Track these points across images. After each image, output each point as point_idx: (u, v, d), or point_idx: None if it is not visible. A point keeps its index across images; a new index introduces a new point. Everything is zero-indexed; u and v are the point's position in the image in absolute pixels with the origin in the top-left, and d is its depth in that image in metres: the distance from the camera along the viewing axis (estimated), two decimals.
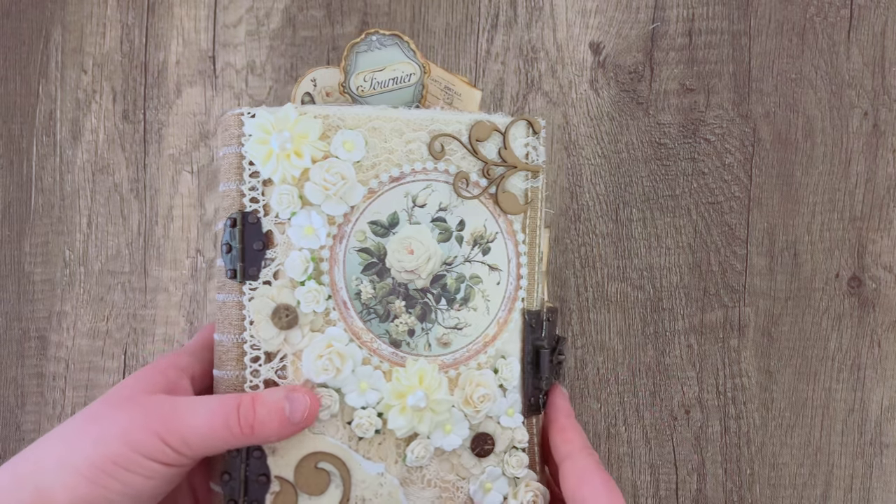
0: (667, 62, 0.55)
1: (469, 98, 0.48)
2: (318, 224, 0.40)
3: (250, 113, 0.40)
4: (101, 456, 0.36)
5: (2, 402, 0.56)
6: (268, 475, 0.39)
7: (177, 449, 0.37)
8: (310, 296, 0.40)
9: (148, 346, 0.55)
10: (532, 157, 0.42)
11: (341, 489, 0.40)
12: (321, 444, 0.40)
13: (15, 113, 0.56)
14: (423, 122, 0.41)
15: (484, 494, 0.41)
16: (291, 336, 0.40)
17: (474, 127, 0.41)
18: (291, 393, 0.38)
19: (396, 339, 0.41)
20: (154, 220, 0.56)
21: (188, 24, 0.56)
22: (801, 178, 0.55)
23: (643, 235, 0.55)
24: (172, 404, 0.38)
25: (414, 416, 0.40)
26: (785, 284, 0.55)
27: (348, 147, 0.40)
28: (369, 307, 0.41)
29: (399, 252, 0.41)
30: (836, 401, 0.55)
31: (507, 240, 0.42)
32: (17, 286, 0.56)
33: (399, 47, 0.43)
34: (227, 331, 0.40)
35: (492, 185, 0.42)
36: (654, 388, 0.54)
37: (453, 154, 0.41)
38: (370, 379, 0.40)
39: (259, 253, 0.40)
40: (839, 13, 0.55)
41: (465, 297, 0.41)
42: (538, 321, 0.42)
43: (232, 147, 0.40)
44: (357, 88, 0.43)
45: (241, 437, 0.38)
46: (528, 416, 0.42)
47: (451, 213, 0.41)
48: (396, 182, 0.41)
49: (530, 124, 0.42)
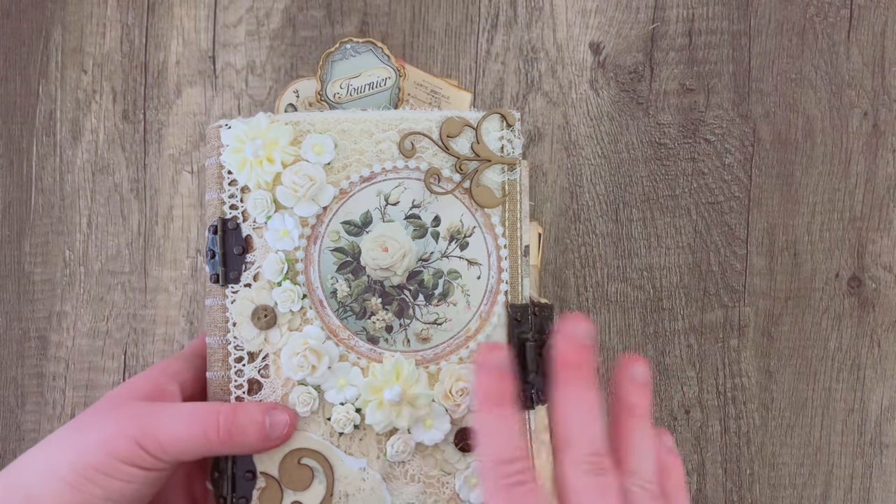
0: (667, 62, 0.55)
1: (458, 100, 0.48)
2: (291, 226, 0.41)
3: (227, 124, 0.42)
4: (83, 463, 0.37)
5: (2, 402, 0.56)
6: (254, 472, 0.41)
7: (153, 454, 0.38)
8: (285, 296, 0.41)
9: (148, 346, 0.55)
10: (507, 150, 0.42)
11: (325, 484, 0.41)
12: (304, 441, 0.41)
13: (15, 113, 0.56)
14: (392, 122, 0.42)
15: (470, 490, 0.42)
16: (271, 335, 0.41)
17: (445, 123, 0.42)
18: (273, 409, 0.40)
19: (374, 336, 0.42)
20: (154, 220, 0.56)
21: (188, 24, 0.56)
22: (800, 178, 0.55)
23: (643, 235, 0.55)
24: (151, 410, 0.39)
25: (391, 410, 0.40)
26: (785, 284, 0.55)
27: (317, 150, 0.41)
28: (345, 305, 0.42)
29: (373, 250, 0.42)
30: (836, 401, 0.55)
31: (486, 234, 0.42)
32: (17, 286, 0.56)
33: (373, 53, 0.44)
34: (214, 333, 0.42)
35: (465, 179, 0.42)
36: (654, 388, 0.54)
37: (424, 151, 0.42)
38: (348, 375, 0.41)
39: (239, 257, 0.41)
40: (839, 13, 0.55)
41: (443, 293, 0.42)
42: (524, 315, 0.42)
43: (213, 158, 0.42)
44: (334, 96, 0.44)
45: (217, 444, 0.39)
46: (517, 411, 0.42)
47: (425, 210, 0.42)
48: (368, 182, 0.42)
49: (503, 117, 0.42)
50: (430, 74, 0.47)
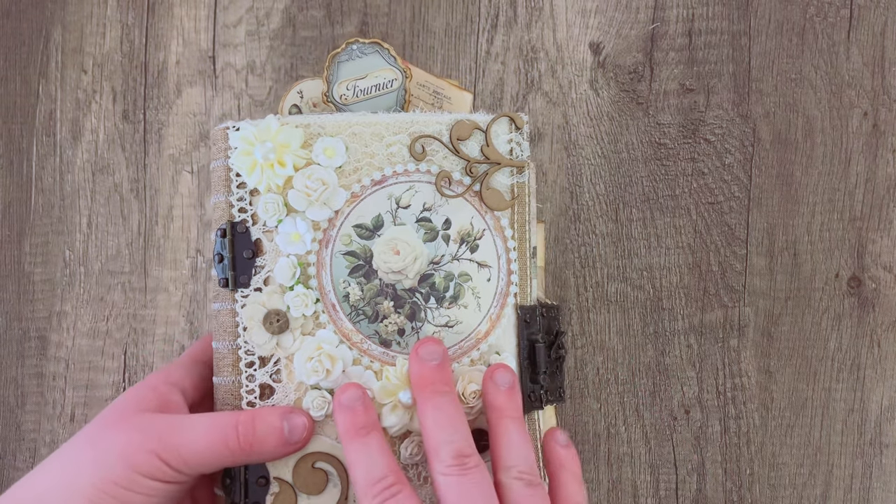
0: (667, 62, 0.55)
1: (460, 101, 0.48)
2: (303, 230, 0.41)
3: (235, 126, 0.41)
4: (102, 479, 0.36)
5: (2, 402, 0.56)
6: (267, 477, 0.40)
7: (175, 467, 0.37)
8: (298, 300, 0.41)
9: (148, 346, 0.55)
10: (516, 153, 0.43)
11: (339, 488, 0.41)
12: (318, 445, 0.41)
13: (15, 113, 0.56)
14: (403, 125, 0.42)
15: None
16: (283, 340, 0.41)
17: (455, 126, 0.42)
18: (290, 413, 0.40)
19: (386, 339, 0.41)
20: (154, 220, 0.56)
21: (188, 24, 0.56)
22: (800, 178, 0.55)
23: (643, 235, 0.55)
24: (169, 422, 0.38)
25: (405, 413, 0.40)
26: (785, 284, 0.55)
27: (329, 153, 0.41)
28: (358, 309, 0.41)
29: (385, 254, 0.42)
30: (835, 401, 0.55)
31: (496, 236, 0.42)
32: (17, 286, 0.56)
33: (380, 54, 0.44)
34: (222, 338, 0.42)
35: (475, 182, 0.42)
36: (653, 388, 0.54)
37: (435, 154, 0.42)
38: (361, 379, 0.41)
39: (249, 261, 0.41)
40: (839, 13, 0.55)
41: (454, 295, 0.42)
42: (532, 316, 0.43)
43: (220, 160, 0.42)
44: (340, 97, 0.44)
45: (239, 454, 0.38)
46: (527, 412, 0.42)
47: (436, 213, 0.42)
48: (379, 185, 0.42)
49: (512, 120, 0.43)
50: (432, 75, 0.47)
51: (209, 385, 0.43)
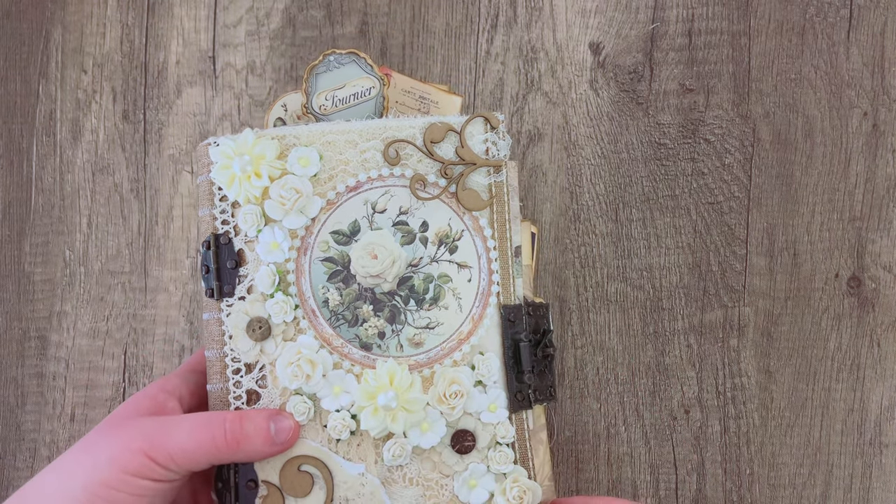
0: (666, 62, 0.55)
1: (447, 105, 0.49)
2: (280, 238, 0.42)
3: (215, 142, 0.42)
4: (94, 481, 0.37)
5: (2, 402, 0.56)
6: (256, 481, 0.41)
7: (163, 464, 0.38)
8: (278, 307, 0.42)
9: (148, 346, 0.55)
10: (493, 153, 0.43)
11: (325, 490, 0.41)
12: (303, 448, 0.42)
13: (15, 113, 0.56)
14: (376, 131, 0.43)
15: (469, 491, 0.42)
16: (266, 346, 0.42)
17: (428, 129, 0.42)
18: (277, 416, 0.41)
19: (367, 343, 0.42)
20: (154, 220, 0.56)
21: (188, 24, 0.56)
22: (800, 178, 0.55)
23: (643, 235, 0.55)
24: (157, 423, 0.39)
25: (386, 416, 0.41)
26: (784, 284, 0.55)
27: (303, 163, 0.42)
28: (337, 314, 0.42)
29: (363, 258, 0.42)
30: (835, 400, 0.55)
31: (475, 236, 0.43)
32: (17, 286, 0.56)
33: (357, 64, 0.45)
34: (212, 346, 0.43)
35: (451, 183, 0.42)
36: (653, 388, 0.54)
37: (409, 158, 0.43)
38: (342, 382, 0.42)
39: (233, 271, 0.42)
40: (839, 13, 0.55)
41: (434, 297, 0.42)
42: (517, 315, 0.43)
43: (204, 175, 0.43)
44: (319, 108, 0.45)
45: (226, 451, 0.39)
46: (514, 412, 0.42)
47: (412, 216, 0.42)
48: (354, 191, 0.42)
49: (487, 120, 0.43)
50: (418, 80, 0.48)
51: (205, 394, 0.44)
